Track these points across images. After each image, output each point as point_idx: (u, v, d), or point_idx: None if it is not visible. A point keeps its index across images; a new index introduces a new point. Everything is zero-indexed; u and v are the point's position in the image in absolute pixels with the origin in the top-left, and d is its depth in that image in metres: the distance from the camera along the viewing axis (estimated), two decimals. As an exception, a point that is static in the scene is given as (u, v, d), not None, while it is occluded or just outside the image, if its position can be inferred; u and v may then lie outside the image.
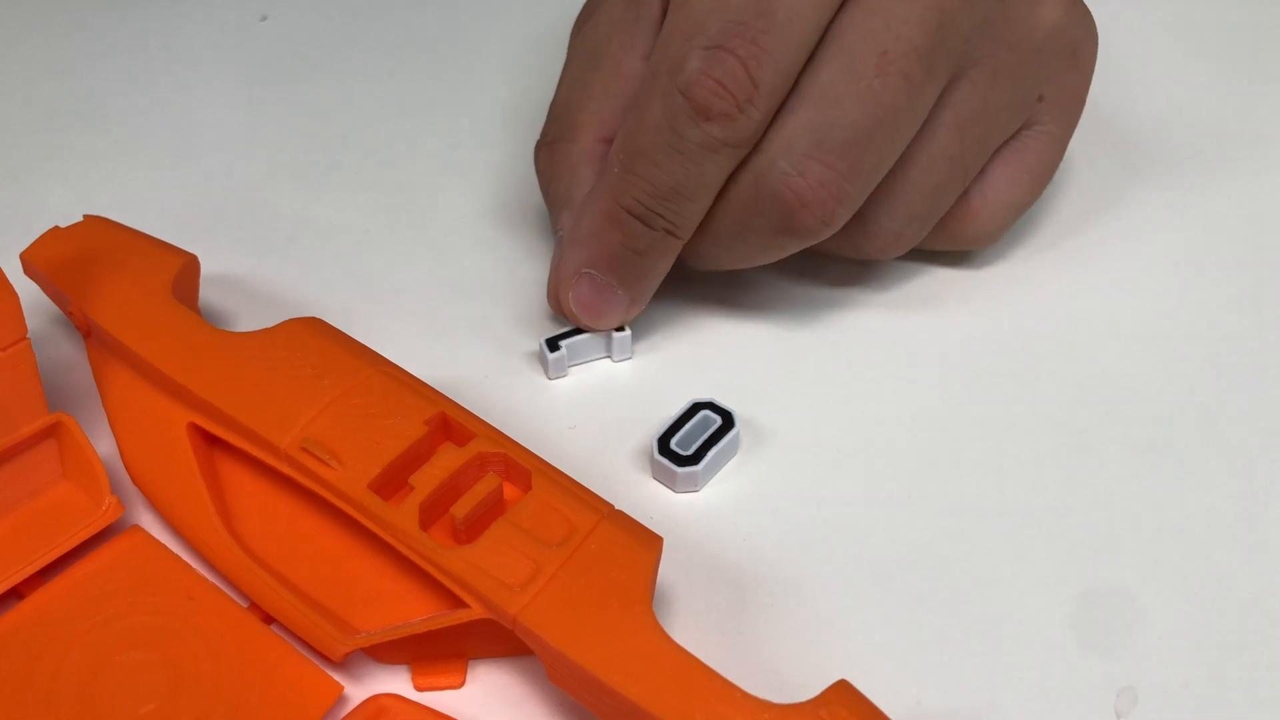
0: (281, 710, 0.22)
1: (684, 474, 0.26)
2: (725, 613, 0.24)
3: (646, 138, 0.26)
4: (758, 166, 0.26)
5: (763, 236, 0.27)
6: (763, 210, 0.26)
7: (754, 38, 0.24)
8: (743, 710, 0.20)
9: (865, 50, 0.25)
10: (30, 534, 0.25)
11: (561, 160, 0.29)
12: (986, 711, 0.23)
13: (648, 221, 0.26)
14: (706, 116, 0.25)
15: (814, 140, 0.25)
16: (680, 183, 0.26)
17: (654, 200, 0.26)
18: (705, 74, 0.24)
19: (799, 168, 0.25)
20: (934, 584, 0.25)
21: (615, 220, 0.27)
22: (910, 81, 0.25)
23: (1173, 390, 0.29)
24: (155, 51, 0.40)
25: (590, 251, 0.27)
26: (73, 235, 0.28)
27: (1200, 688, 0.23)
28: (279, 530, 0.24)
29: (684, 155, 0.25)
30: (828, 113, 0.25)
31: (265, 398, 0.24)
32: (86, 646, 0.23)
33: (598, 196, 0.27)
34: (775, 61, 0.24)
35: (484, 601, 0.21)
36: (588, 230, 0.27)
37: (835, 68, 0.25)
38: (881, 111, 0.25)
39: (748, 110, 0.25)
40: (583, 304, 0.28)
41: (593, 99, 0.28)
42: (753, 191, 0.26)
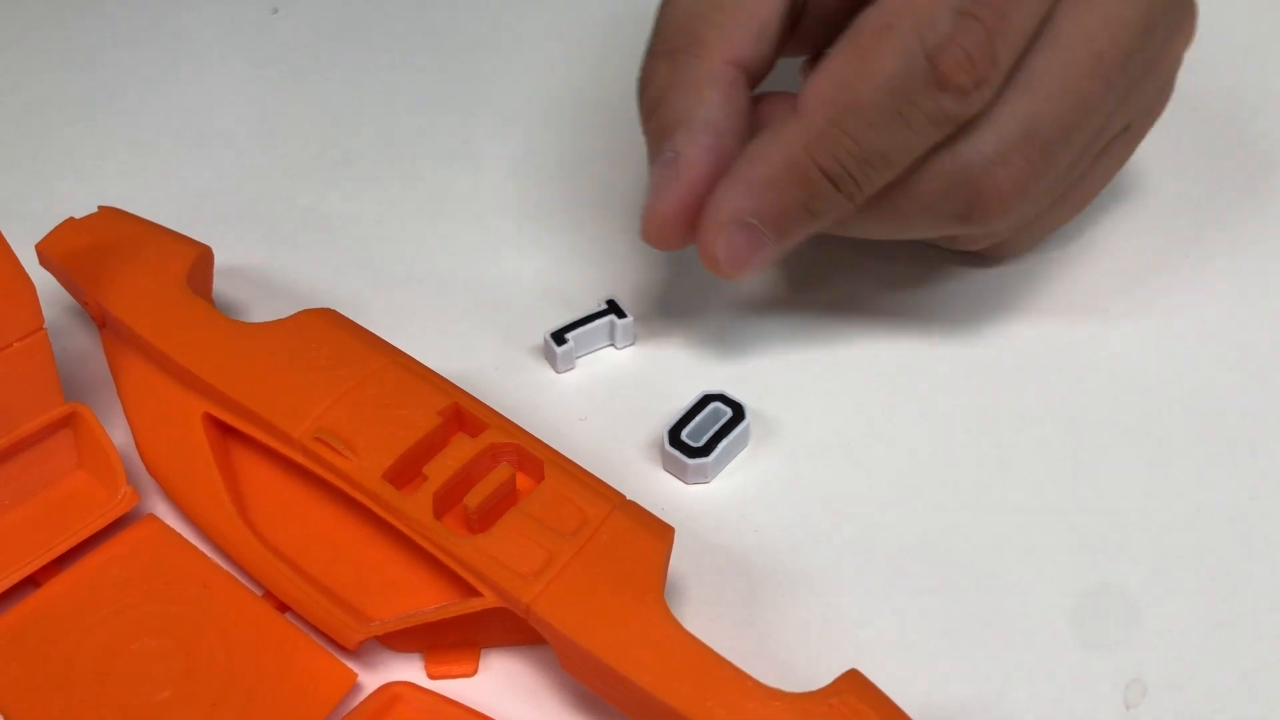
0: (296, 697, 0.22)
1: (695, 465, 0.26)
2: (735, 603, 0.24)
3: (870, 94, 0.23)
4: (962, 150, 0.24)
5: (937, 218, 0.25)
6: (953, 193, 0.25)
7: (1003, 9, 0.23)
8: (754, 698, 0.20)
9: (1082, 48, 0.24)
10: (46, 523, 0.25)
11: (684, 75, 0.26)
12: (996, 703, 0.23)
13: (838, 182, 0.24)
14: (943, 87, 0.23)
15: (1023, 132, 0.24)
16: (890, 150, 0.24)
17: (856, 163, 0.24)
18: (955, 40, 0.23)
19: (1004, 158, 0.24)
20: (944, 576, 0.25)
21: (802, 175, 0.24)
22: (1112, 89, 0.24)
23: (1176, 385, 0.29)
24: (168, 44, 0.41)
25: (760, 201, 0.25)
26: (88, 226, 0.28)
27: (1208, 680, 0.23)
28: (293, 519, 0.25)
29: (907, 122, 0.23)
30: (1038, 106, 0.24)
31: (280, 388, 0.24)
32: (102, 633, 0.23)
33: (783, 143, 0.24)
34: (1015, 39, 0.23)
35: (497, 590, 0.22)
36: (763, 177, 0.24)
37: (1051, 60, 0.24)
38: (1084, 114, 0.24)
39: (982, 88, 0.23)
40: (732, 254, 0.25)
41: (722, 12, 0.26)
42: (950, 172, 0.24)
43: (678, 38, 0.26)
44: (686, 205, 0.25)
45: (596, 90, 0.38)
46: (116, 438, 0.26)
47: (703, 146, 0.25)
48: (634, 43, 0.39)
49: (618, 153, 0.36)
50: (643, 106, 0.27)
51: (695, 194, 0.25)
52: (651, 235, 0.26)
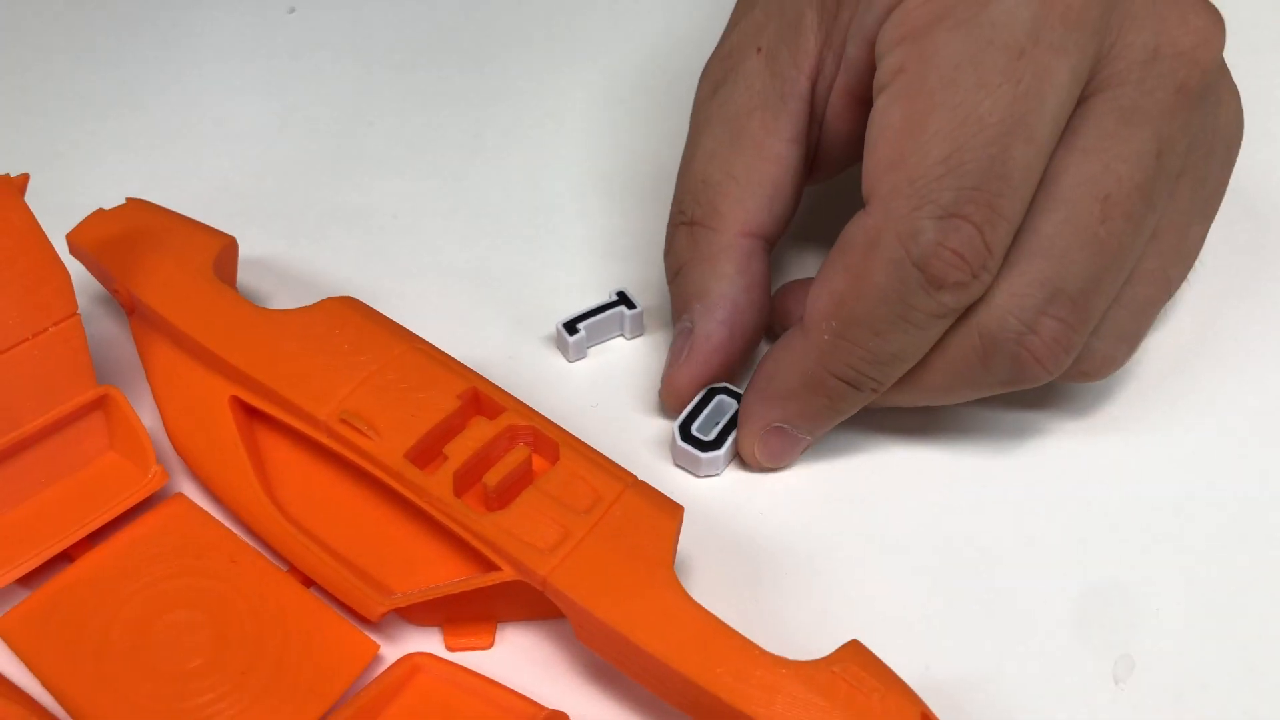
0: (321, 667, 0.23)
1: (708, 459, 0.27)
2: (742, 583, 0.25)
3: (868, 307, 0.24)
4: (985, 325, 0.24)
5: (983, 388, 0.25)
6: (991, 368, 0.24)
7: (990, 202, 0.22)
8: (761, 665, 0.21)
9: (1086, 198, 0.23)
10: (79, 501, 0.25)
11: (704, 248, 0.27)
12: (993, 677, 0.24)
13: (857, 385, 0.25)
14: (940, 286, 0.23)
15: (1046, 296, 0.24)
16: (900, 350, 0.24)
17: (869, 366, 0.24)
18: (942, 245, 0.23)
19: (1032, 326, 0.24)
20: (942, 558, 0.26)
21: (821, 385, 0.25)
22: (1134, 221, 0.24)
23: (1170, 376, 0.30)
24: (188, 41, 0.41)
25: (785, 411, 0.26)
26: (116, 217, 0.29)
27: (1195, 657, 0.24)
28: (317, 498, 0.25)
29: (910, 324, 0.24)
30: (1056, 267, 0.23)
31: (305, 372, 0.25)
32: (135, 605, 0.24)
33: (798, 356, 0.25)
34: (1009, 222, 0.23)
35: (515, 564, 0.22)
36: (784, 390, 0.26)
37: (1058, 219, 0.23)
38: (1109, 258, 0.24)
39: (981, 276, 0.23)
40: (770, 454, 0.27)
41: (736, 184, 0.27)
42: (980, 350, 0.24)
43: (695, 208, 0.27)
44: (698, 376, 0.27)
45: (609, 85, 0.39)
46: (145, 420, 0.26)
47: (717, 321, 0.27)
48: (646, 38, 0.40)
49: (630, 147, 0.36)
50: (668, 273, 0.28)
51: (709, 366, 0.27)
52: (668, 401, 0.28)
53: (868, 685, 0.20)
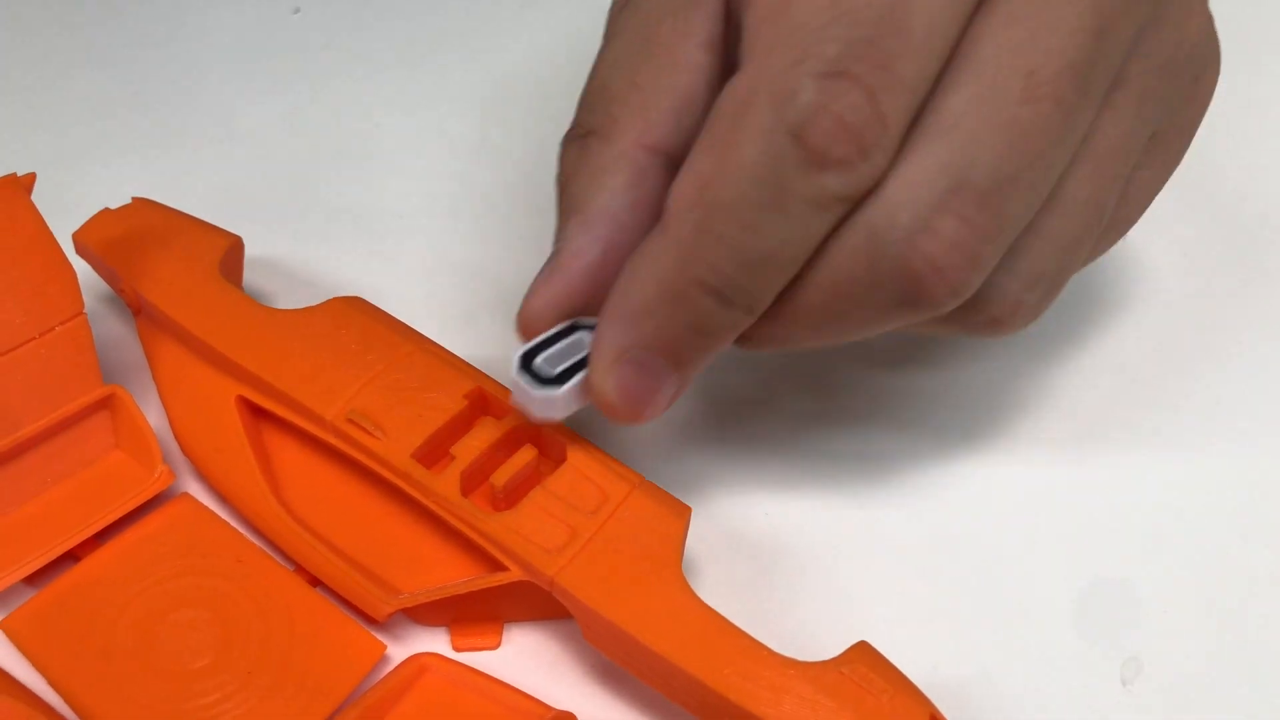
0: (328, 667, 0.23)
1: (541, 398, 0.22)
2: (748, 583, 0.25)
3: (734, 188, 0.19)
4: (872, 222, 0.19)
5: (869, 312, 0.20)
6: (878, 279, 0.20)
7: (885, 60, 0.18)
8: (769, 666, 0.20)
9: (1008, 70, 0.19)
10: (85, 500, 0.25)
11: (592, 159, 0.23)
12: (1000, 678, 0.24)
13: (725, 297, 0.20)
14: (822, 164, 0.19)
15: (947, 187, 0.19)
16: (775, 248, 0.19)
17: (738, 270, 0.20)
18: (824, 109, 0.18)
19: (928, 223, 0.19)
20: (948, 559, 0.26)
21: (681, 296, 0.20)
22: (1063, 108, 0.19)
23: (1172, 376, 0.29)
24: (191, 41, 0.41)
25: (641, 332, 0.21)
26: (122, 216, 0.29)
27: (1202, 658, 0.24)
28: (324, 498, 0.25)
29: (785, 214, 0.19)
30: (963, 151, 0.19)
31: (312, 372, 0.25)
32: (141, 604, 0.24)
33: (654, 260, 0.20)
34: (909, 90, 0.19)
35: (523, 564, 0.22)
36: (638, 304, 0.21)
37: (970, 94, 0.19)
38: (1030, 149, 0.19)
39: (872, 155, 0.19)
40: (627, 394, 0.22)
41: (639, 91, 0.22)
42: (865, 256, 0.20)
43: (591, 118, 0.23)
44: (557, 300, 0.23)
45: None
46: (150, 420, 0.26)
47: (591, 237, 0.22)
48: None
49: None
50: (557, 182, 0.24)
51: (571, 287, 0.22)
52: (521, 327, 0.23)
53: (876, 686, 0.20)
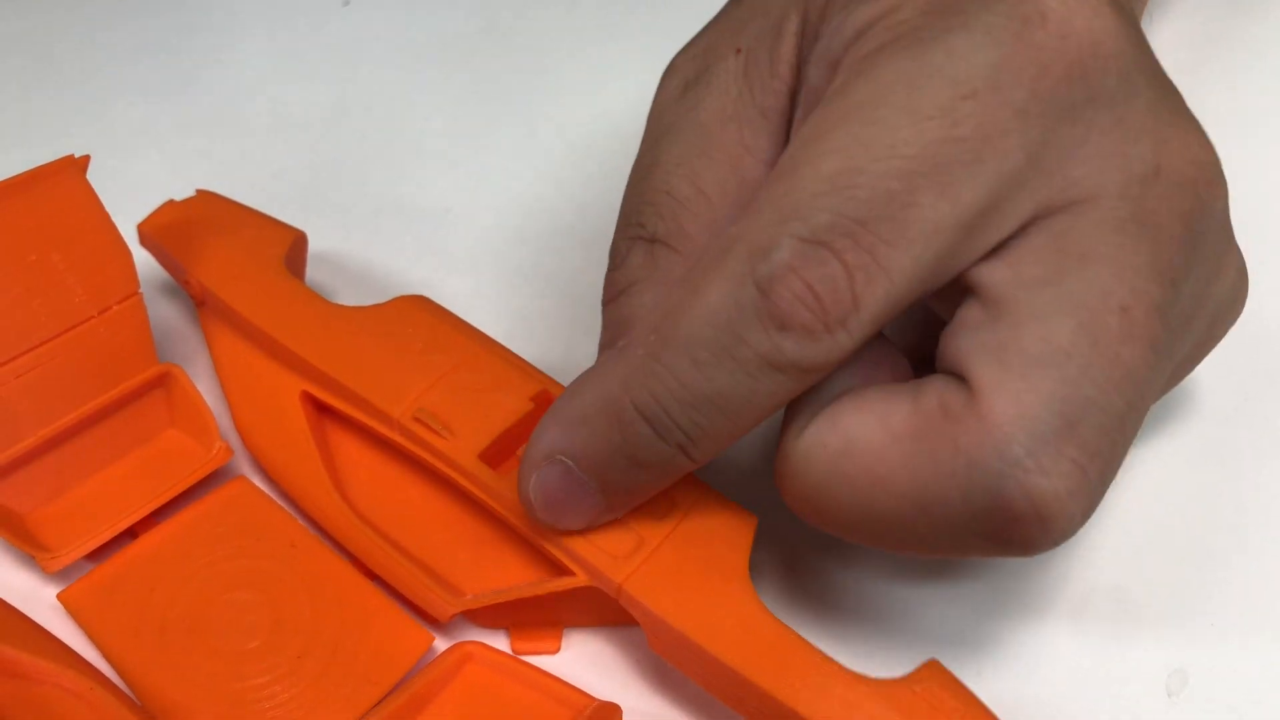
0: (376, 656, 0.22)
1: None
2: (810, 595, 0.24)
3: (692, 327, 0.18)
4: (976, 449, 0.17)
5: (950, 536, 0.19)
6: (971, 510, 0.18)
7: (872, 246, 0.17)
8: (840, 682, 0.20)
9: (1102, 306, 0.17)
10: (143, 477, 0.25)
11: (664, 270, 0.21)
12: (1044, 688, 0.23)
13: (659, 429, 0.19)
14: (781, 325, 0.18)
15: (1064, 423, 0.17)
16: (721, 396, 0.18)
17: (678, 406, 0.19)
18: (795, 272, 0.17)
19: (1042, 461, 0.17)
20: (992, 568, 0.25)
21: (618, 415, 0.19)
22: (1156, 351, 0.18)
23: (1229, 378, 0.29)
24: (243, 31, 0.40)
25: (573, 440, 0.20)
26: (187, 208, 0.28)
27: (1248, 671, 0.23)
28: (386, 497, 0.25)
29: (738, 364, 0.18)
30: (1076, 387, 0.17)
31: (379, 370, 0.24)
32: (196, 584, 0.23)
33: (603, 374, 0.20)
34: (893, 283, 0.18)
35: (589, 570, 0.22)
36: (577, 413, 0.20)
37: (1074, 322, 0.17)
38: (1135, 390, 0.18)
39: (836, 332, 0.18)
40: (546, 495, 0.21)
41: (706, 202, 0.21)
42: (962, 484, 0.18)
43: (658, 223, 0.21)
44: None
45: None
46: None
47: None
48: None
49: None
50: (606, 290, 0.22)
51: None
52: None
53: (948, 706, 0.19)
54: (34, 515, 0.24)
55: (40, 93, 0.37)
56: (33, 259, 0.24)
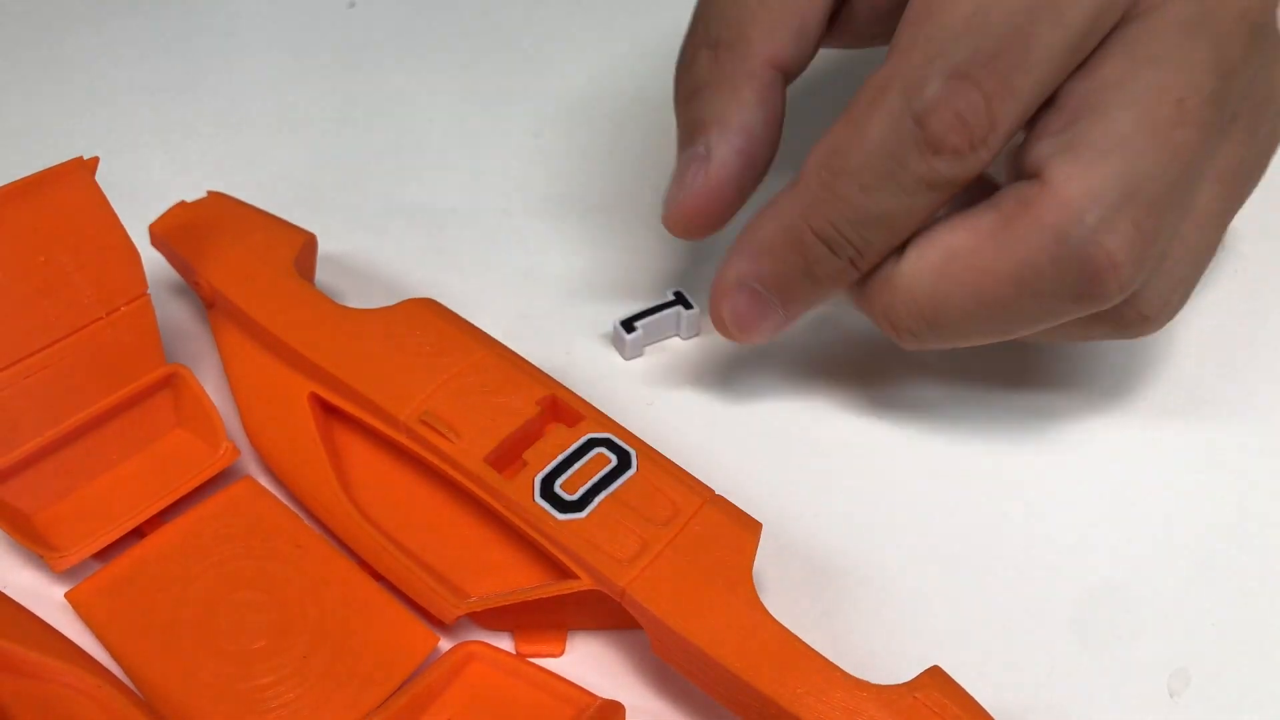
0: (381, 656, 0.22)
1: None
2: (814, 602, 0.24)
3: (860, 158, 0.22)
4: (1058, 219, 0.21)
5: (1045, 303, 0.22)
6: (1061, 272, 0.22)
7: (1005, 73, 0.21)
8: (842, 687, 0.20)
9: (1161, 99, 0.21)
10: (150, 477, 0.25)
11: (725, 70, 0.24)
12: (1046, 692, 0.23)
13: (835, 247, 0.23)
14: (937, 149, 0.21)
15: (1123, 195, 0.21)
16: (886, 214, 0.22)
17: (851, 227, 0.22)
18: (946, 103, 0.21)
19: (1110, 224, 0.21)
20: (995, 576, 0.25)
21: (799, 241, 0.23)
22: (1207, 132, 0.22)
23: (1223, 387, 0.29)
24: (250, 32, 0.40)
25: (760, 267, 0.24)
26: (197, 209, 0.28)
27: (1251, 670, 0.23)
28: (393, 499, 0.25)
29: (900, 186, 0.22)
30: (1135, 165, 0.21)
31: (386, 372, 0.24)
32: (203, 584, 0.23)
33: (782, 208, 0.23)
34: (1020, 103, 0.21)
35: (593, 573, 0.22)
36: (763, 243, 0.24)
37: (1132, 116, 0.21)
38: (1184, 165, 0.21)
39: (979, 150, 0.21)
40: (738, 318, 0.25)
41: (767, 10, 0.24)
42: (1051, 251, 0.21)
43: (722, 29, 0.25)
44: (710, 203, 0.25)
45: (667, 86, 0.38)
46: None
47: (734, 149, 0.24)
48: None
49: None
50: (679, 92, 0.26)
51: (721, 193, 0.25)
52: (675, 226, 0.26)
53: (950, 712, 0.19)
54: (42, 514, 0.24)
55: (49, 94, 0.37)
56: (42, 260, 0.24)
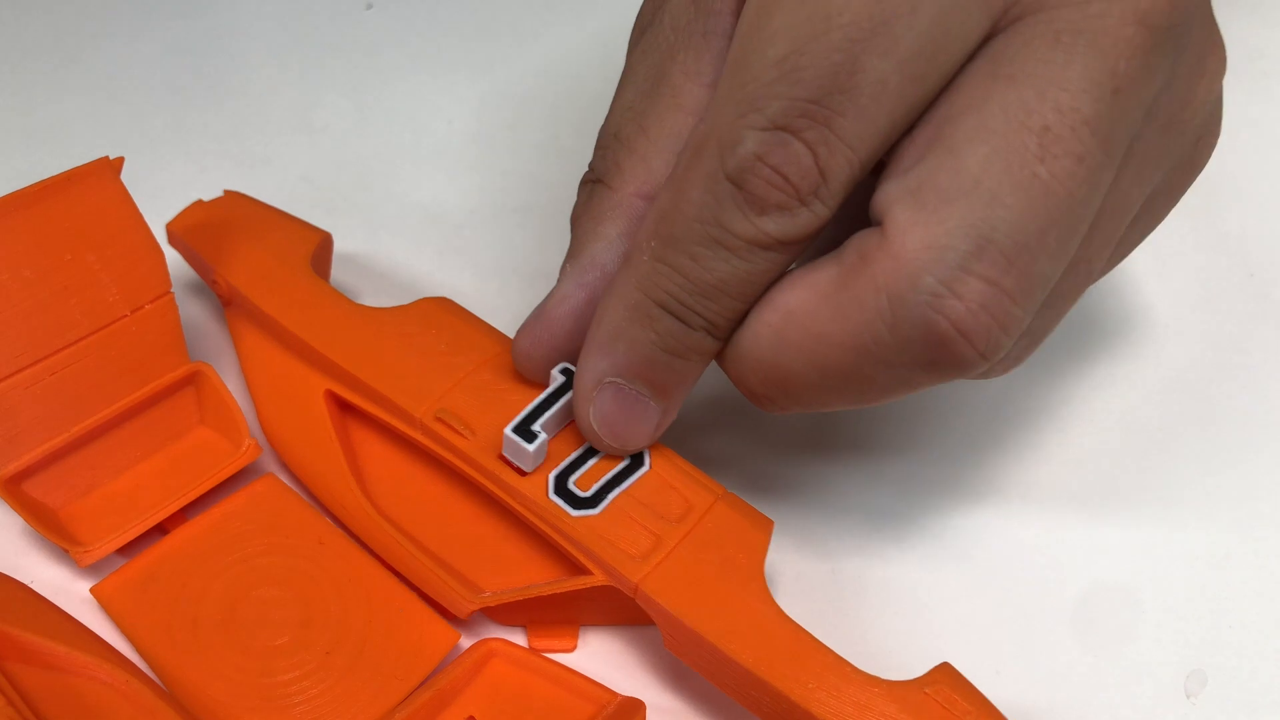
0: (403, 652, 0.22)
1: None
2: (824, 599, 0.24)
3: (683, 226, 0.20)
4: (893, 282, 0.18)
5: (895, 373, 0.19)
6: (903, 344, 0.19)
7: (827, 120, 0.18)
8: (853, 683, 0.20)
9: (1019, 128, 0.18)
10: (173, 474, 0.25)
11: (595, 205, 0.23)
12: (1061, 692, 0.23)
13: (684, 319, 0.21)
14: (759, 209, 0.19)
15: (970, 249, 0.18)
16: (724, 281, 0.20)
17: (691, 297, 0.20)
18: (761, 160, 0.19)
19: (953, 286, 0.18)
20: (1014, 577, 0.25)
21: (645, 316, 0.21)
22: (1085, 166, 0.18)
23: (1247, 384, 0.28)
24: (271, 34, 0.40)
25: (615, 357, 0.21)
26: (215, 208, 0.28)
27: (1268, 671, 0.23)
28: (408, 495, 0.25)
29: (730, 251, 0.20)
30: (985, 211, 0.18)
31: (402, 370, 0.24)
32: (226, 580, 0.23)
33: (621, 288, 0.21)
34: (855, 147, 0.18)
35: (606, 569, 0.22)
36: (611, 329, 0.21)
37: (984, 153, 0.18)
38: (1055, 207, 0.18)
39: (812, 204, 0.19)
40: (608, 422, 0.22)
41: (645, 138, 0.22)
42: (887, 316, 0.18)
43: (601, 164, 0.23)
44: (541, 340, 0.23)
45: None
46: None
47: (577, 284, 0.23)
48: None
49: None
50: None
51: (556, 330, 0.23)
52: (518, 365, 0.24)
53: (959, 708, 0.19)
54: (67, 510, 0.24)
55: (70, 95, 0.37)
56: (68, 258, 0.24)
